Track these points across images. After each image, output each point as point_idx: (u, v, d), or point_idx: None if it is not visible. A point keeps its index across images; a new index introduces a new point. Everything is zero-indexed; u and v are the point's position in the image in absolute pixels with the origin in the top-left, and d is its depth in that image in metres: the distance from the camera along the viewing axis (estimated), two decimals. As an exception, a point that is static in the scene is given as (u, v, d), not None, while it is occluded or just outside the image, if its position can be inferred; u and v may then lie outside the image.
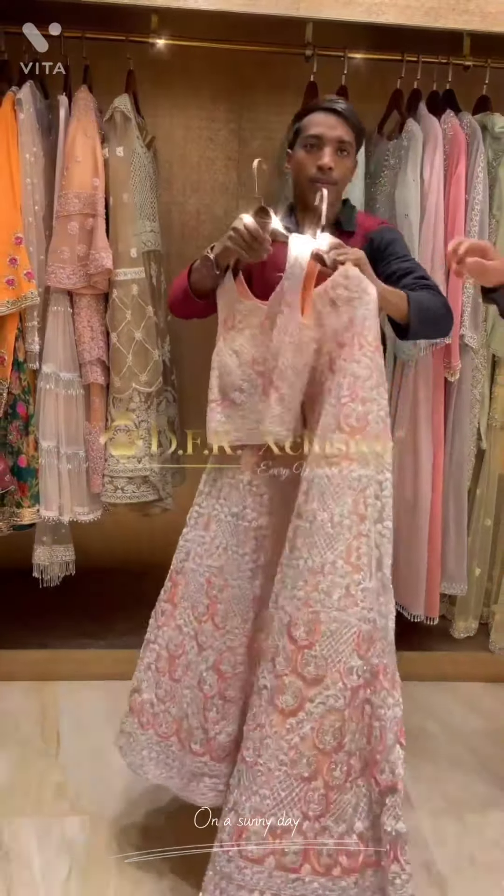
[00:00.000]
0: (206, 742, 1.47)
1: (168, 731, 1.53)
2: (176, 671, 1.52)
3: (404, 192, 2.02)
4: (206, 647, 1.49)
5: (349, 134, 1.60)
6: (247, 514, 1.48)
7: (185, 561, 1.54)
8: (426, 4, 1.91)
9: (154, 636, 1.56)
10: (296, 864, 1.15)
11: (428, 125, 2.03)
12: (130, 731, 1.57)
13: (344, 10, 1.91)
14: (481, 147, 2.03)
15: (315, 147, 1.59)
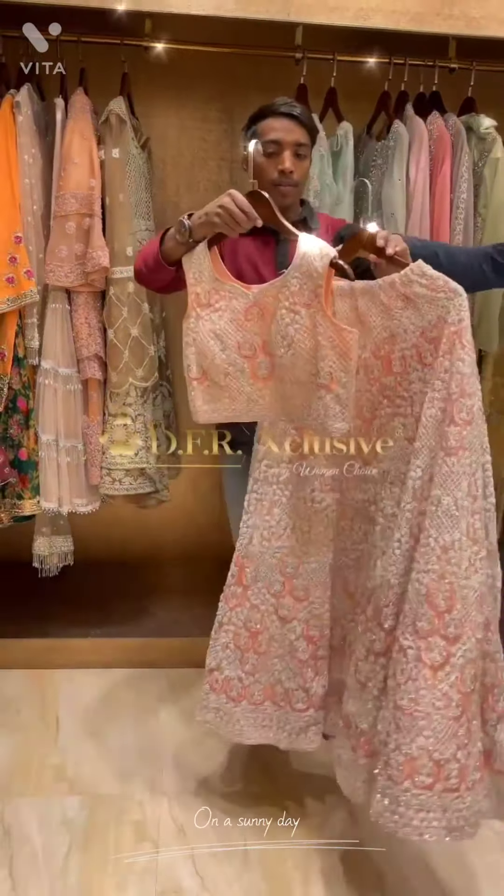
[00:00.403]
0: (308, 698, 1.65)
1: (261, 698, 1.67)
2: (260, 646, 1.65)
3: (390, 191, 2.08)
4: (290, 620, 1.64)
5: (305, 136, 1.68)
6: (315, 496, 1.61)
7: (249, 545, 1.64)
8: (412, 10, 1.97)
9: (227, 618, 1.65)
10: (456, 785, 1.37)
11: (414, 126, 2.09)
12: (219, 706, 1.67)
13: (332, 15, 1.97)
14: (466, 147, 2.09)
15: (273, 151, 1.67)
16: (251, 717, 1.67)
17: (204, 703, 1.68)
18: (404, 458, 1.48)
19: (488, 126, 2.12)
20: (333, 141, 2.17)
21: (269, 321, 1.57)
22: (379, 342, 1.50)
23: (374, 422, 1.56)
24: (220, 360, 1.59)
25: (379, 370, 1.52)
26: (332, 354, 1.49)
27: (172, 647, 2.38)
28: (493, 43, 2.08)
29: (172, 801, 1.82)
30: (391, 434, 1.53)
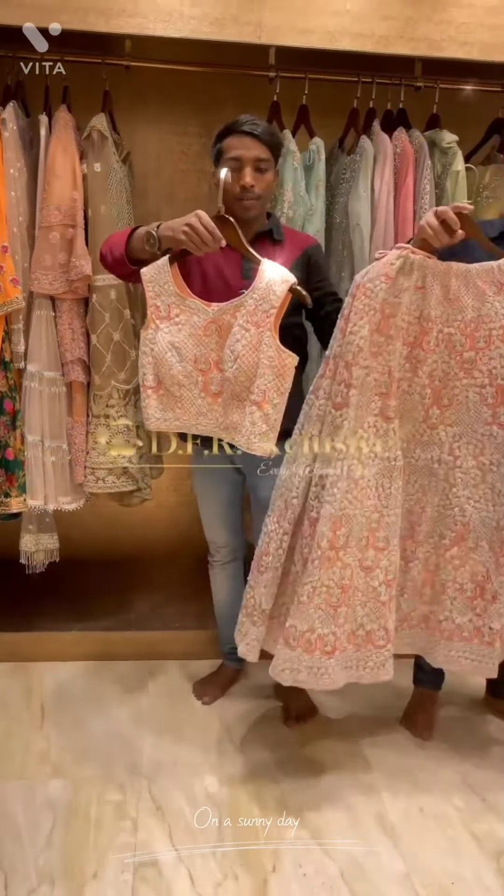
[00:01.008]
0: (387, 635, 1.79)
1: (345, 643, 1.78)
2: (349, 598, 1.75)
3: (356, 203, 2.19)
4: (373, 569, 1.76)
5: (265, 152, 1.80)
6: (393, 455, 1.74)
7: (344, 510, 1.69)
8: (377, 33, 2.09)
9: (320, 581, 1.70)
10: None
11: (379, 141, 2.20)
12: (312, 664, 1.73)
13: (301, 38, 2.08)
14: (428, 161, 2.19)
15: (235, 167, 1.79)
16: (341, 663, 1.78)
17: (293, 665, 1.73)
18: (482, 419, 1.72)
19: (450, 141, 2.23)
20: (306, 155, 2.27)
21: (224, 338, 1.69)
22: (467, 321, 1.68)
23: (444, 391, 1.74)
24: (176, 371, 1.72)
25: (462, 345, 1.70)
26: (269, 374, 1.66)
27: (153, 639, 2.48)
28: (456, 62, 2.20)
29: (151, 782, 1.91)
30: (464, 401, 1.73)
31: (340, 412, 1.68)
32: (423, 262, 1.65)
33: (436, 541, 1.83)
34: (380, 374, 1.69)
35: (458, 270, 1.66)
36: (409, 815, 1.83)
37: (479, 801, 1.88)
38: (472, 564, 1.80)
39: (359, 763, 2.02)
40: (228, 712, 2.22)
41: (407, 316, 1.68)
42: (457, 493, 1.77)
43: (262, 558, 1.79)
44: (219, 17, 2.05)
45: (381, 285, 1.63)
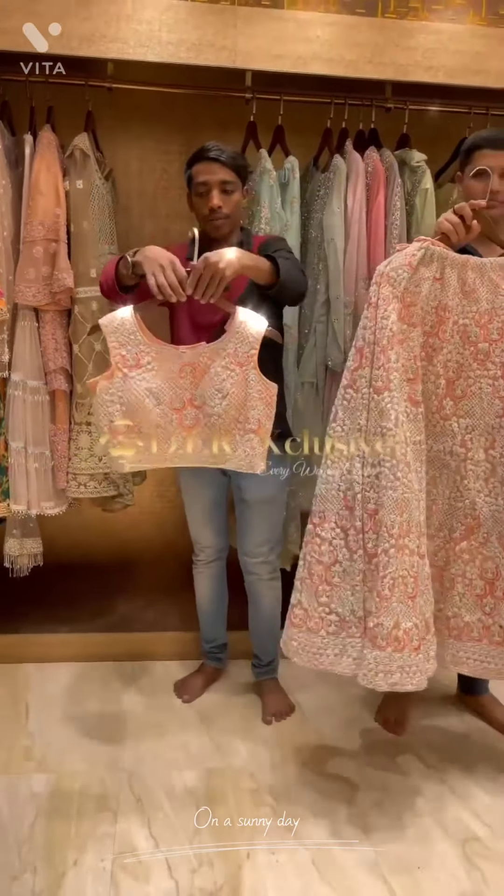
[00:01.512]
0: (429, 624, 1.75)
1: (424, 636, 1.72)
2: (419, 587, 1.72)
3: (330, 219, 2.29)
4: (424, 556, 1.75)
5: (230, 174, 1.92)
6: (422, 439, 1.77)
7: (404, 494, 1.68)
8: (346, 58, 2.19)
9: (398, 573, 1.67)
10: None
11: (352, 160, 2.31)
12: (403, 663, 1.67)
13: (274, 63, 2.19)
14: (398, 179, 2.30)
15: (203, 191, 1.92)
16: (426, 657, 1.72)
17: (386, 668, 1.66)
18: (494, 411, 1.77)
19: (419, 160, 2.34)
20: (282, 174, 2.37)
21: (199, 377, 1.79)
22: (482, 312, 1.75)
23: (458, 381, 1.79)
24: (155, 415, 1.80)
25: (476, 336, 1.76)
26: (260, 405, 1.79)
27: (136, 641, 2.55)
28: (424, 85, 2.31)
29: (132, 776, 1.97)
30: (477, 393, 1.78)
31: (382, 396, 1.69)
32: (442, 254, 1.73)
33: (446, 534, 1.85)
34: (406, 359, 1.73)
35: (474, 263, 1.74)
36: (380, 805, 1.90)
37: (447, 791, 1.96)
38: (482, 560, 1.82)
39: (333, 757, 2.09)
40: (208, 710, 2.29)
41: (426, 305, 1.74)
42: (468, 486, 1.80)
43: (330, 569, 1.74)
44: (195, 42, 2.15)
45: (403, 273, 1.70)
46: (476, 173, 1.83)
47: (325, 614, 1.76)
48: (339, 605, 1.75)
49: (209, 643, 2.40)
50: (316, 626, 1.76)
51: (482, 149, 1.83)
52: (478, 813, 1.88)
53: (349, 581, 1.74)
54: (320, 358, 2.42)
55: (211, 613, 2.36)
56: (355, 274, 2.31)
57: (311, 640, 1.77)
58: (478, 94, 2.36)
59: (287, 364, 2.34)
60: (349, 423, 1.73)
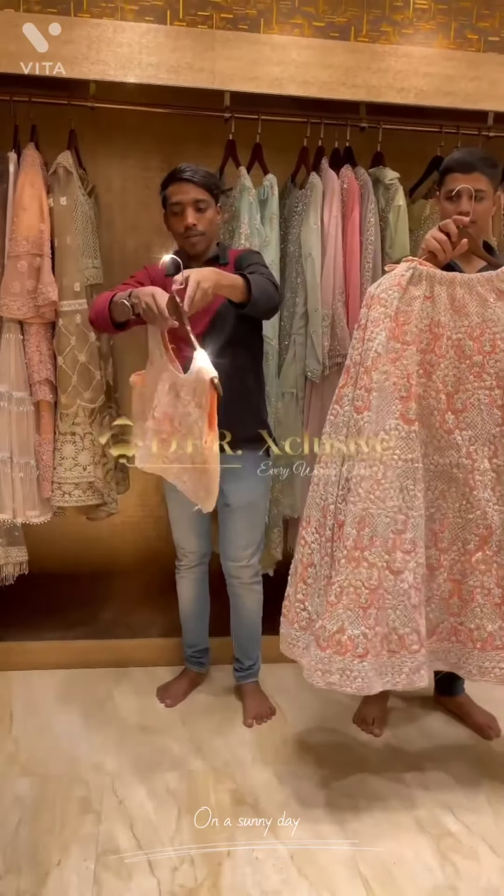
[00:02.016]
0: (419, 640, 1.83)
1: (380, 648, 1.80)
2: (379, 600, 1.78)
3: (307, 234, 2.37)
4: (402, 571, 1.80)
5: (203, 193, 1.99)
6: (415, 457, 1.82)
7: (366, 509, 1.76)
8: (320, 79, 2.27)
9: (347, 581, 1.76)
10: None
11: (327, 178, 2.38)
12: (344, 666, 1.75)
13: (251, 84, 2.26)
14: (372, 196, 2.38)
15: (178, 211, 2.00)
16: (374, 667, 1.79)
17: (325, 667, 1.75)
18: (493, 421, 1.81)
19: (392, 178, 2.42)
20: (261, 191, 2.44)
21: (175, 403, 1.82)
22: (473, 326, 1.80)
23: (457, 395, 1.82)
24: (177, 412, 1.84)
25: (471, 349, 1.81)
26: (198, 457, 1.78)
27: (119, 647, 2.59)
28: (397, 105, 2.39)
29: (115, 779, 2.02)
30: (476, 404, 1.82)
31: (362, 415, 1.77)
32: (430, 273, 1.79)
33: (459, 547, 1.87)
34: (398, 377, 1.78)
35: (461, 280, 1.80)
36: (357, 804, 1.95)
37: (422, 789, 2.01)
38: (498, 568, 1.84)
39: (311, 758, 2.14)
40: (190, 713, 2.33)
41: (419, 323, 1.79)
42: (478, 497, 1.82)
43: (308, 570, 1.85)
44: (174, 64, 2.22)
45: (394, 294, 1.77)
46: (449, 195, 1.91)
47: (300, 610, 1.88)
48: (310, 604, 1.86)
49: (191, 648, 2.45)
50: (293, 618, 1.89)
51: (453, 172, 1.90)
52: (452, 809, 1.94)
53: (319, 583, 1.85)
54: (299, 369, 2.48)
55: (193, 618, 2.41)
56: (332, 287, 2.38)
57: (289, 630, 1.91)
58: (448, 113, 2.45)
59: (268, 375, 2.41)
60: (334, 436, 1.84)
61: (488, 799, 1.99)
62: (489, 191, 1.91)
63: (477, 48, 2.43)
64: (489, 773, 2.08)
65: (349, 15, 2.47)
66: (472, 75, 2.32)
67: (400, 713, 2.37)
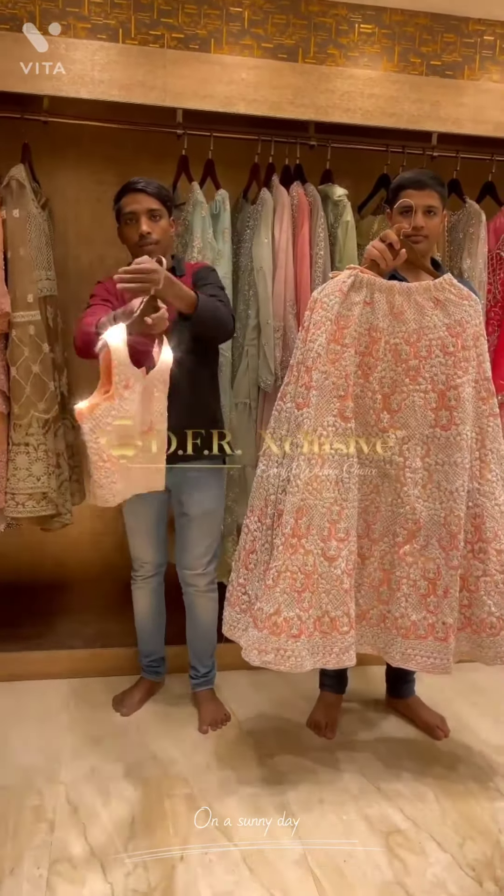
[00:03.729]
0: (349, 622, 1.92)
1: (312, 629, 1.90)
2: (313, 584, 1.89)
3: (258, 249, 2.43)
4: (335, 558, 1.89)
5: (156, 203, 2.04)
6: (351, 452, 1.90)
7: (305, 500, 1.86)
8: (269, 99, 2.35)
9: (285, 566, 1.86)
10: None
11: (278, 194, 2.45)
12: (279, 646, 1.86)
13: (202, 102, 2.32)
14: (321, 212, 2.45)
15: (132, 220, 2.04)
16: (307, 647, 1.89)
17: (261, 647, 1.86)
18: (427, 422, 1.91)
19: (340, 194, 2.49)
20: (213, 205, 2.50)
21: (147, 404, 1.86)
22: (410, 332, 1.89)
23: (393, 396, 1.92)
24: (136, 437, 1.87)
25: (407, 354, 1.90)
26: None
27: (75, 658, 2.59)
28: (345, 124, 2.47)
29: (69, 788, 2.02)
30: (411, 406, 1.91)
31: (302, 412, 1.87)
32: (370, 280, 1.87)
33: (390, 539, 1.98)
34: (337, 377, 1.87)
35: (400, 288, 1.89)
36: (309, 805, 1.99)
37: (372, 789, 2.06)
38: (424, 561, 1.95)
39: (266, 762, 2.17)
40: (146, 722, 2.35)
41: (358, 327, 1.88)
42: (407, 493, 1.93)
43: (249, 556, 1.97)
44: (127, 82, 2.27)
45: (335, 299, 1.85)
46: (402, 211, 1.99)
47: (241, 594, 2.00)
48: (250, 588, 1.98)
49: (147, 657, 2.46)
50: (235, 601, 2.01)
51: (406, 188, 1.98)
52: (401, 807, 1.99)
53: (259, 569, 1.96)
54: (252, 379, 2.54)
55: (149, 628, 2.42)
56: (283, 300, 2.44)
57: (231, 613, 2.02)
58: (394, 133, 2.54)
59: (223, 386, 2.45)
60: (277, 430, 1.95)
61: (435, 795, 2.04)
62: (439, 207, 2.00)
63: (420, 71, 2.52)
64: (436, 773, 2.14)
65: (297, 38, 2.55)
66: (415, 97, 2.41)
67: (353, 715, 2.42)
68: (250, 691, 2.52)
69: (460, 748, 2.27)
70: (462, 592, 1.99)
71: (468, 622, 2.01)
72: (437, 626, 1.97)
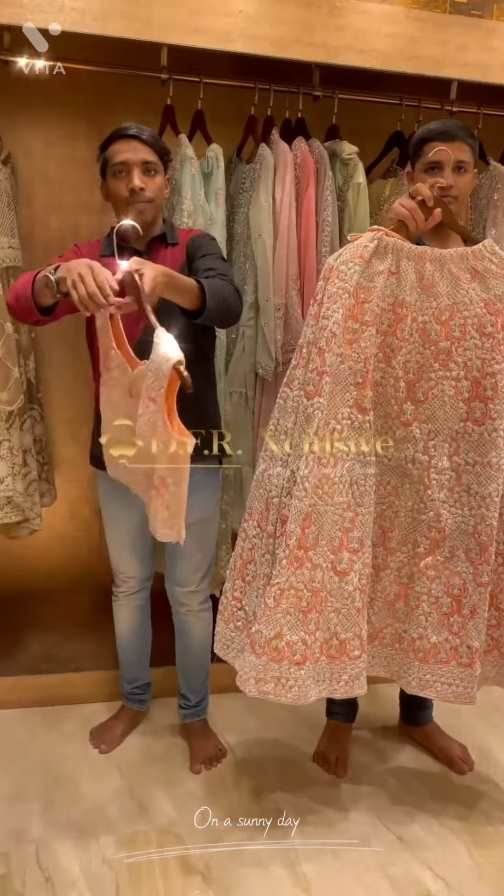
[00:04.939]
0: (361, 644, 1.67)
1: (318, 654, 1.65)
2: (321, 603, 1.63)
3: (257, 214, 2.10)
4: (347, 573, 1.64)
5: (152, 154, 1.73)
6: (369, 450, 1.65)
7: (313, 505, 1.59)
8: (273, 35, 2.00)
9: (288, 583, 1.59)
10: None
11: (279, 151, 2.12)
12: (280, 674, 1.60)
13: (194, 37, 1.97)
14: (329, 171, 2.13)
15: (123, 172, 1.71)
16: (312, 674, 1.64)
17: (259, 675, 1.60)
18: (457, 415, 1.63)
19: (350, 152, 2.17)
20: (204, 163, 2.16)
21: (136, 406, 1.50)
22: (442, 308, 1.61)
23: (419, 384, 1.64)
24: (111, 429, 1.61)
25: (437, 334, 1.62)
26: (164, 460, 1.46)
27: (49, 683, 2.27)
28: (353, 72, 2.15)
29: (41, 848, 1.72)
30: (439, 395, 1.63)
31: (313, 401, 1.59)
32: (397, 245, 1.59)
33: (409, 549, 1.73)
34: (354, 361, 1.60)
35: (432, 255, 1.61)
36: (324, 863, 1.71)
37: (394, 840, 1.79)
38: (449, 576, 1.70)
39: (270, 808, 1.89)
40: (129, 761, 2.04)
41: (381, 301, 1.60)
42: (432, 496, 1.67)
43: (247, 566, 1.70)
44: (104, 10, 1.91)
45: (354, 268, 1.56)
46: (428, 167, 1.69)
47: (237, 609, 1.74)
48: (247, 604, 1.72)
49: (130, 683, 2.15)
50: (229, 616, 1.75)
51: (433, 141, 1.68)
52: (429, 863, 1.73)
53: (258, 582, 1.69)
54: (249, 365, 2.22)
55: (133, 651, 2.11)
56: (286, 273, 2.12)
57: (224, 630, 1.76)
58: (409, 84, 2.22)
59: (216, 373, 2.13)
60: (282, 423, 1.67)
61: (466, 847, 1.78)
62: (471, 163, 1.71)
63: (443, 9, 2.20)
64: (461, 814, 1.88)
65: (302, -34, 2.20)
66: (438, 38, 2.09)
67: (363, 744, 2.15)
68: (247, 717, 2.23)
69: (486, 784, 2.02)
70: (490, 611, 1.73)
71: (496, 645, 1.77)
72: (461, 649, 1.72)
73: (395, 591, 1.76)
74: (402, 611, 1.76)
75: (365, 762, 2.08)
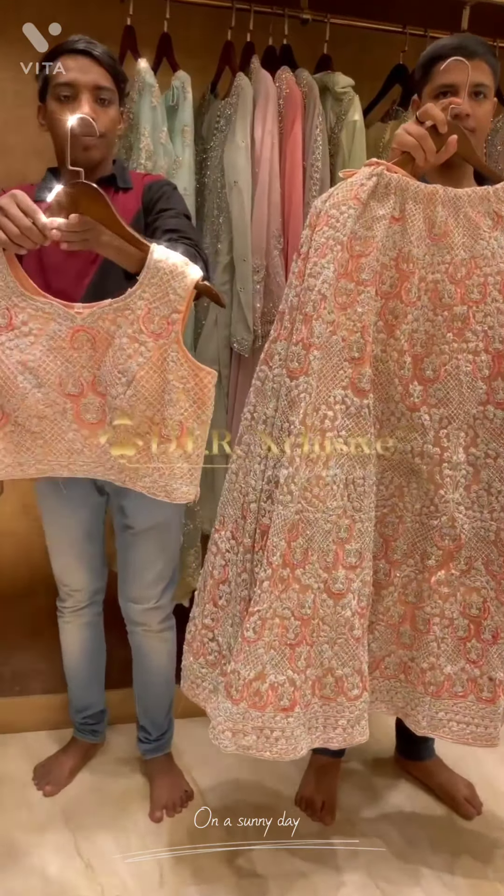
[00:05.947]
0: (362, 681, 1.40)
1: (309, 696, 1.39)
2: (312, 633, 1.37)
3: (233, 155, 1.77)
4: (344, 594, 1.37)
5: (106, 78, 1.43)
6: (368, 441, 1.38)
7: (301, 512, 1.32)
8: None
9: (272, 611, 1.32)
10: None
11: (260, 80, 1.80)
12: (263, 724, 1.33)
13: None
14: (319, 107, 1.81)
15: (69, 97, 1.40)
16: (302, 722, 1.37)
17: (237, 726, 1.32)
18: (476, 397, 1.36)
19: (345, 85, 1.85)
20: (168, 95, 1.83)
21: (103, 351, 1.29)
22: (457, 263, 1.34)
23: (427, 359, 1.37)
24: (34, 401, 1.31)
25: (451, 296, 1.34)
26: (183, 400, 1.30)
27: None
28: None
29: None
30: (454, 373, 1.36)
31: (297, 382, 1.30)
32: (402, 183, 1.30)
33: (417, 561, 1.45)
34: (349, 331, 1.31)
35: (445, 196, 1.32)
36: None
37: (394, 908, 1.50)
38: (465, 593, 1.43)
39: (244, 868, 1.59)
40: (77, 805, 1.74)
41: (382, 256, 1.32)
42: (445, 498, 1.40)
43: (219, 587, 1.42)
44: None
45: (348, 212, 1.27)
46: (439, 91, 1.38)
47: (208, 640, 1.45)
48: (221, 634, 1.43)
49: (80, 713, 1.85)
50: (198, 649, 1.47)
51: (445, 59, 1.36)
52: (435, 941, 1.43)
53: (233, 607, 1.41)
54: (223, 339, 1.91)
55: (83, 676, 1.81)
56: (266, 229, 1.80)
57: (192, 666, 1.47)
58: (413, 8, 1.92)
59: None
60: (259, 409, 1.38)
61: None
62: (491, 88, 1.41)
63: None
64: (471, 870, 1.61)
65: None
66: None
67: (352, 781, 1.87)
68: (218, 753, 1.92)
69: (499, 831, 1.73)
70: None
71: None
72: (482, 681, 1.44)
73: (399, 612, 1.48)
74: (408, 635, 1.48)
75: (356, 805, 1.80)
